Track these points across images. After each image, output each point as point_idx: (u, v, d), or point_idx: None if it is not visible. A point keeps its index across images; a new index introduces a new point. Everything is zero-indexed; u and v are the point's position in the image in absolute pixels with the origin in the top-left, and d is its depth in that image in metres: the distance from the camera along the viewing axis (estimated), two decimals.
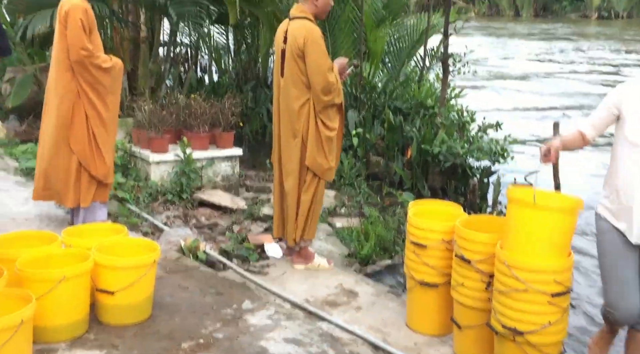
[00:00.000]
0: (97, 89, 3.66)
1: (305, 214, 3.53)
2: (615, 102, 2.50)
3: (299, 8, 3.43)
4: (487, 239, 2.62)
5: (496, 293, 2.51)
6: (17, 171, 5.03)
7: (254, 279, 3.40)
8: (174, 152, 4.83)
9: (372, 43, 6.77)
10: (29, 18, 5.79)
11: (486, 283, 2.62)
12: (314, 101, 3.40)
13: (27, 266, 2.52)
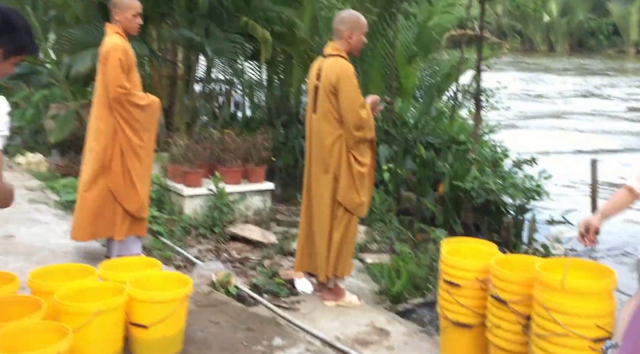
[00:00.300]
0: (133, 126, 3.76)
1: (337, 250, 3.52)
2: None
3: (333, 46, 3.51)
4: (523, 279, 2.56)
5: (534, 336, 2.44)
6: (57, 204, 5.19)
7: (285, 316, 3.38)
8: (207, 187, 4.91)
9: (403, 78, 6.83)
10: (74, 57, 6.07)
11: (523, 326, 2.55)
12: (346, 136, 3.43)
13: (65, 299, 2.57)
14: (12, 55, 1.93)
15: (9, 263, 3.74)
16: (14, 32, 1.91)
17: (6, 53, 1.90)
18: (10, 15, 1.91)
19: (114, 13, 3.73)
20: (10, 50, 1.91)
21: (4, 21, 1.88)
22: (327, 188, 3.48)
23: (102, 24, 6.03)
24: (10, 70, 1.98)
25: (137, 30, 3.82)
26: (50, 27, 9.67)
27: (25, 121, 7.55)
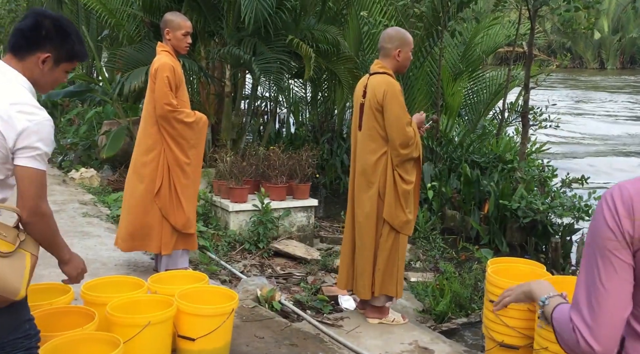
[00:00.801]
0: (180, 143, 3.84)
1: (384, 269, 3.49)
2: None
3: (379, 64, 3.52)
4: None
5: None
6: (108, 218, 5.37)
7: (329, 332, 3.38)
8: (252, 202, 4.99)
9: (449, 96, 6.78)
10: (126, 75, 6.32)
11: None
12: (391, 154, 3.43)
13: (116, 311, 2.65)
14: (63, 62, 1.95)
15: (63, 275, 3.88)
16: (65, 38, 1.94)
17: (57, 59, 1.93)
18: (61, 21, 1.95)
19: (165, 32, 3.85)
20: (61, 56, 1.93)
21: (55, 27, 1.92)
22: (372, 206, 3.47)
23: (153, 42, 6.31)
24: (62, 78, 2.02)
25: (186, 49, 3.93)
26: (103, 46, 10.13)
27: (79, 137, 7.87)
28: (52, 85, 2.01)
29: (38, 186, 1.84)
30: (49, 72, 1.93)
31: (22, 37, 1.91)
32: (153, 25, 6.66)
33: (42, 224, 1.89)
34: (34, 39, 1.90)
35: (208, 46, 6.80)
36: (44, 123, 1.84)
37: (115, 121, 7.27)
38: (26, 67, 1.90)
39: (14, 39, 1.92)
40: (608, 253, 1.11)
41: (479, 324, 3.71)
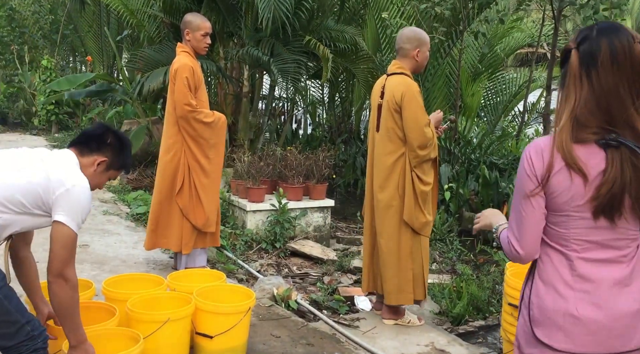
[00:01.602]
0: (199, 142, 3.88)
1: (406, 272, 3.48)
2: None
3: (397, 64, 3.51)
4: None
5: None
6: (128, 216, 5.44)
7: (345, 332, 3.38)
8: (269, 202, 5.01)
9: (468, 97, 6.74)
10: (146, 75, 6.40)
11: None
12: (409, 155, 3.42)
13: (136, 307, 2.69)
14: (112, 169, 2.30)
15: (84, 271, 3.95)
16: (122, 151, 2.32)
17: (110, 165, 2.28)
18: (122, 136, 2.35)
19: (185, 33, 3.89)
20: (113, 164, 2.29)
21: (118, 140, 2.31)
22: (391, 207, 3.47)
23: (173, 43, 6.38)
24: (103, 182, 2.35)
25: (205, 49, 3.97)
26: (124, 47, 10.27)
27: None
28: (94, 186, 2.30)
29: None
30: (99, 174, 2.27)
31: (87, 140, 2.26)
32: (173, 26, 6.73)
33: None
34: (97, 143, 2.25)
35: (227, 47, 6.86)
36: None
37: (134, 120, 7.37)
38: (82, 164, 2.21)
39: (80, 139, 2.28)
40: (528, 193, 1.54)
41: (497, 328, 3.69)
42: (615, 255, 1.53)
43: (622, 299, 1.52)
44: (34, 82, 10.85)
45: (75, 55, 13.91)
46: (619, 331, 1.52)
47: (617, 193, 1.46)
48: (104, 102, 9.36)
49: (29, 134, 10.58)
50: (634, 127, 1.46)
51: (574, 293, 1.53)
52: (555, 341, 1.54)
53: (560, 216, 1.53)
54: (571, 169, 1.48)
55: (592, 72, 1.46)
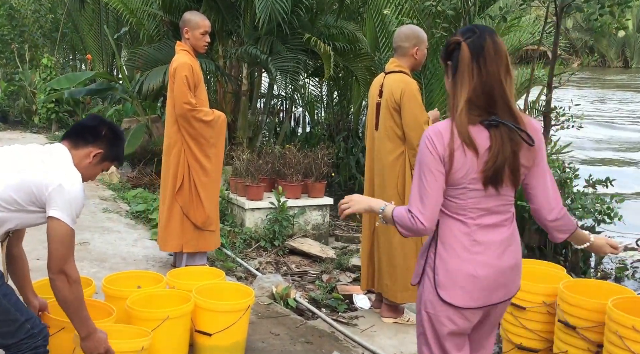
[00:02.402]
0: (199, 141, 3.89)
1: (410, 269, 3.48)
2: None
3: (395, 62, 3.51)
4: (595, 306, 2.45)
5: None
6: (128, 214, 5.45)
7: (343, 331, 3.40)
8: (268, 200, 5.02)
9: None
10: (145, 74, 6.40)
11: (594, 353, 2.45)
12: (409, 154, 3.43)
13: (136, 304, 2.70)
14: (107, 161, 2.31)
15: (84, 268, 3.96)
16: (117, 143, 2.32)
17: (104, 158, 2.28)
18: (115, 127, 2.35)
19: (184, 31, 3.89)
20: (108, 156, 2.29)
21: (113, 132, 2.30)
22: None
23: (172, 42, 6.38)
24: (97, 173, 2.35)
25: (204, 48, 3.97)
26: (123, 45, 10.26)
27: None
28: (89, 177, 2.31)
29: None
30: (94, 166, 2.26)
31: (81, 132, 2.26)
32: (172, 24, 6.73)
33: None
34: (92, 136, 2.24)
35: (225, 45, 6.86)
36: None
37: (134, 118, 7.37)
38: (76, 156, 2.21)
39: (74, 132, 2.27)
40: (431, 168, 1.75)
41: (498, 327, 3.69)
42: (500, 219, 1.82)
43: (506, 257, 1.81)
44: (34, 80, 10.85)
45: (75, 53, 13.90)
46: (503, 283, 1.83)
47: (500, 165, 1.73)
48: (103, 100, 9.36)
49: (29, 132, 10.58)
50: (511, 108, 1.74)
51: (472, 255, 1.79)
52: (457, 300, 1.80)
53: (458, 189, 1.78)
54: (466, 146, 1.72)
55: (480, 61, 1.72)
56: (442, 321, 1.82)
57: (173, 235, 3.92)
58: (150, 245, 4.57)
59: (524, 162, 1.77)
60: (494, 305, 1.85)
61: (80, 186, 2.14)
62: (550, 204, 1.86)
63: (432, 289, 1.82)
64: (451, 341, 1.85)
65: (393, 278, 3.52)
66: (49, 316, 2.44)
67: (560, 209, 1.87)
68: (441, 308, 1.81)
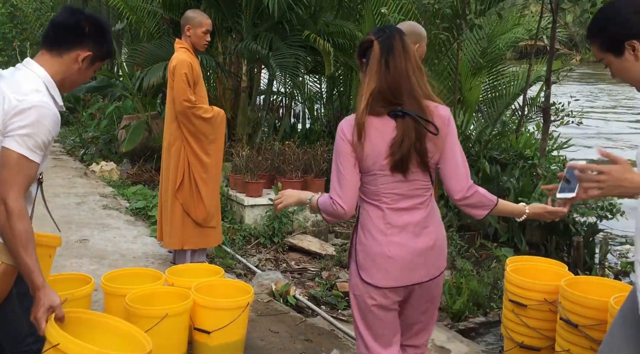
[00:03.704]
0: (199, 138, 3.88)
1: None
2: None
3: None
4: (598, 304, 2.43)
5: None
6: (127, 210, 5.44)
7: (343, 328, 3.38)
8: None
9: (466, 91, 6.71)
10: (145, 71, 6.38)
11: (597, 351, 2.42)
12: None
13: (135, 302, 2.68)
14: (98, 61, 1.97)
15: (84, 265, 3.95)
16: (105, 38, 1.95)
17: (95, 58, 1.94)
18: (100, 20, 1.97)
19: (186, 29, 3.88)
20: (99, 55, 1.95)
21: (96, 26, 1.92)
22: None
23: (172, 39, 6.35)
24: (89, 77, 2.03)
25: (204, 46, 3.96)
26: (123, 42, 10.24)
27: (100, 131, 7.98)
28: (80, 83, 2.00)
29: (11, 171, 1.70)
30: (84, 70, 1.93)
31: (63, 34, 1.88)
32: (172, 22, 6.71)
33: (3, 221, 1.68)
34: (76, 36, 1.88)
35: (225, 42, 6.83)
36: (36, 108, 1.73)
37: (134, 115, 7.35)
38: (63, 63, 1.88)
39: (52, 36, 1.89)
40: (345, 156, 1.90)
41: (498, 324, 3.68)
42: (414, 203, 1.94)
43: (422, 238, 1.93)
44: None
45: None
46: (422, 263, 1.93)
47: (405, 152, 1.86)
48: (104, 97, 9.34)
49: None
50: (418, 100, 1.88)
51: (387, 238, 1.92)
52: (377, 280, 1.92)
53: (370, 176, 1.92)
54: (373, 136, 1.88)
55: (390, 58, 1.87)
56: (367, 301, 1.96)
57: (174, 232, 3.90)
58: (150, 242, 4.56)
59: (431, 148, 1.90)
60: (417, 284, 1.96)
61: (50, 111, 1.77)
62: (460, 185, 1.97)
63: (356, 271, 1.96)
64: (377, 319, 1.98)
65: None
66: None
67: (467, 189, 1.97)
68: (364, 289, 1.95)
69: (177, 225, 3.89)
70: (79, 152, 8.04)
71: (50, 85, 1.87)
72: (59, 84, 1.91)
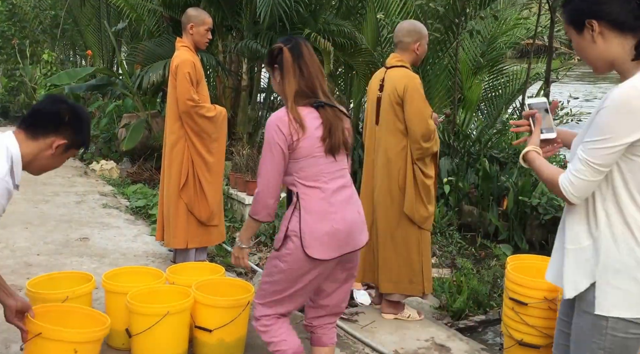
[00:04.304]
0: (202, 137, 3.89)
1: (409, 265, 3.48)
2: None
3: (396, 57, 3.49)
4: None
5: None
6: (127, 209, 5.44)
7: (344, 326, 3.39)
8: None
9: (467, 90, 6.71)
10: (145, 69, 6.37)
11: None
12: (412, 147, 3.40)
13: (136, 300, 2.69)
14: (71, 149, 2.08)
15: (84, 264, 3.96)
16: (81, 128, 2.07)
17: (69, 146, 2.06)
18: (79, 110, 2.07)
19: (189, 27, 3.87)
20: (73, 143, 2.06)
21: (75, 116, 2.02)
22: (393, 200, 3.46)
23: (172, 37, 6.35)
24: (61, 163, 2.13)
25: (206, 44, 3.96)
26: (122, 41, 10.24)
27: (100, 129, 7.97)
28: (47, 169, 2.08)
29: None
30: (57, 156, 2.02)
31: (40, 120, 1.97)
32: (172, 20, 6.71)
33: None
34: (53, 124, 1.97)
35: (225, 40, 6.83)
36: None
37: (134, 114, 7.35)
38: (37, 146, 1.96)
39: (31, 120, 1.97)
40: (276, 147, 2.18)
41: (498, 322, 3.68)
42: (344, 182, 2.26)
43: (353, 213, 2.25)
44: (35, 76, 10.83)
45: (75, 49, 13.88)
46: (353, 236, 2.25)
47: (335, 134, 2.19)
48: (103, 96, 9.33)
49: None
50: (327, 96, 2.25)
51: (330, 215, 2.19)
52: (322, 254, 2.19)
53: (309, 159, 2.18)
54: (305, 125, 2.16)
55: (301, 63, 2.20)
56: (305, 276, 2.23)
57: (178, 232, 3.90)
58: (150, 241, 4.56)
59: (346, 131, 2.30)
60: (346, 255, 2.27)
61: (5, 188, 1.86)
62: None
63: (299, 250, 2.18)
64: (302, 290, 2.29)
65: (396, 271, 3.51)
66: (31, 320, 2.20)
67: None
68: (305, 264, 2.20)
69: (181, 224, 3.89)
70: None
71: (16, 162, 1.92)
72: (27, 165, 1.97)
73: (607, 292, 1.56)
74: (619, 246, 1.54)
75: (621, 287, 1.54)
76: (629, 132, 1.47)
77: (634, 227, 1.53)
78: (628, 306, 1.54)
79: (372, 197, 3.57)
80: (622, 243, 1.54)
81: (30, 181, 5.98)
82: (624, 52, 1.55)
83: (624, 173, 1.53)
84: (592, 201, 1.58)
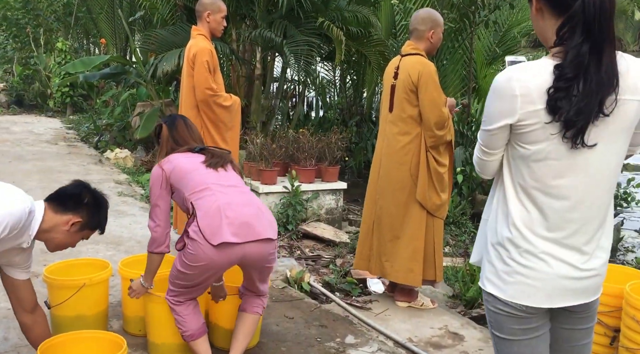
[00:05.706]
0: (218, 126, 3.91)
1: (421, 253, 3.48)
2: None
3: (411, 45, 3.48)
4: (612, 290, 2.43)
5: (622, 349, 2.32)
6: (142, 197, 5.49)
7: (358, 315, 3.41)
8: (281, 184, 5.02)
9: (482, 80, 6.65)
10: (159, 57, 6.38)
11: (611, 338, 2.43)
12: (425, 135, 3.39)
13: (154, 289, 2.72)
14: (87, 229, 2.29)
15: (100, 251, 4.01)
16: (99, 212, 2.33)
17: (84, 225, 2.26)
18: (99, 195, 2.35)
19: (206, 15, 3.87)
20: (88, 224, 2.28)
21: (94, 198, 2.31)
22: (404, 187, 3.46)
23: (187, 25, 6.35)
24: (76, 241, 2.32)
25: (221, 32, 3.96)
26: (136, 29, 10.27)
27: (114, 118, 8.03)
28: (63, 246, 2.28)
29: None
30: (72, 234, 2.24)
31: (63, 198, 2.24)
32: (186, 8, 6.69)
33: None
34: (74, 202, 2.23)
35: (239, 29, 6.81)
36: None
37: (148, 102, 7.38)
38: (55, 219, 2.18)
39: (57, 197, 2.24)
40: (161, 186, 2.64)
41: None
42: (238, 189, 2.58)
43: (247, 207, 2.51)
44: (49, 64, 10.91)
45: (88, 37, 13.94)
46: (252, 226, 2.45)
47: (219, 163, 2.63)
48: (117, 84, 9.39)
49: (44, 116, 10.66)
50: (202, 141, 2.83)
51: (223, 211, 2.41)
52: (224, 237, 2.37)
53: (194, 173, 2.54)
54: (183, 162, 2.59)
55: (174, 133, 2.78)
56: (209, 262, 2.39)
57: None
58: None
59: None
60: (251, 243, 2.43)
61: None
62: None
63: (204, 243, 2.35)
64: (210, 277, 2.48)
65: (397, 258, 3.51)
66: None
67: None
68: (212, 252, 2.36)
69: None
70: (93, 139, 8.11)
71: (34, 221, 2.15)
72: (44, 234, 2.18)
73: (485, 267, 1.63)
74: (497, 225, 1.59)
75: (493, 264, 1.59)
76: (498, 118, 1.49)
77: (509, 209, 1.55)
78: (493, 284, 1.59)
79: (378, 184, 3.56)
80: (499, 223, 1.58)
81: (47, 170, 6.05)
82: (553, 35, 1.49)
83: (509, 159, 1.57)
84: (496, 179, 1.64)
